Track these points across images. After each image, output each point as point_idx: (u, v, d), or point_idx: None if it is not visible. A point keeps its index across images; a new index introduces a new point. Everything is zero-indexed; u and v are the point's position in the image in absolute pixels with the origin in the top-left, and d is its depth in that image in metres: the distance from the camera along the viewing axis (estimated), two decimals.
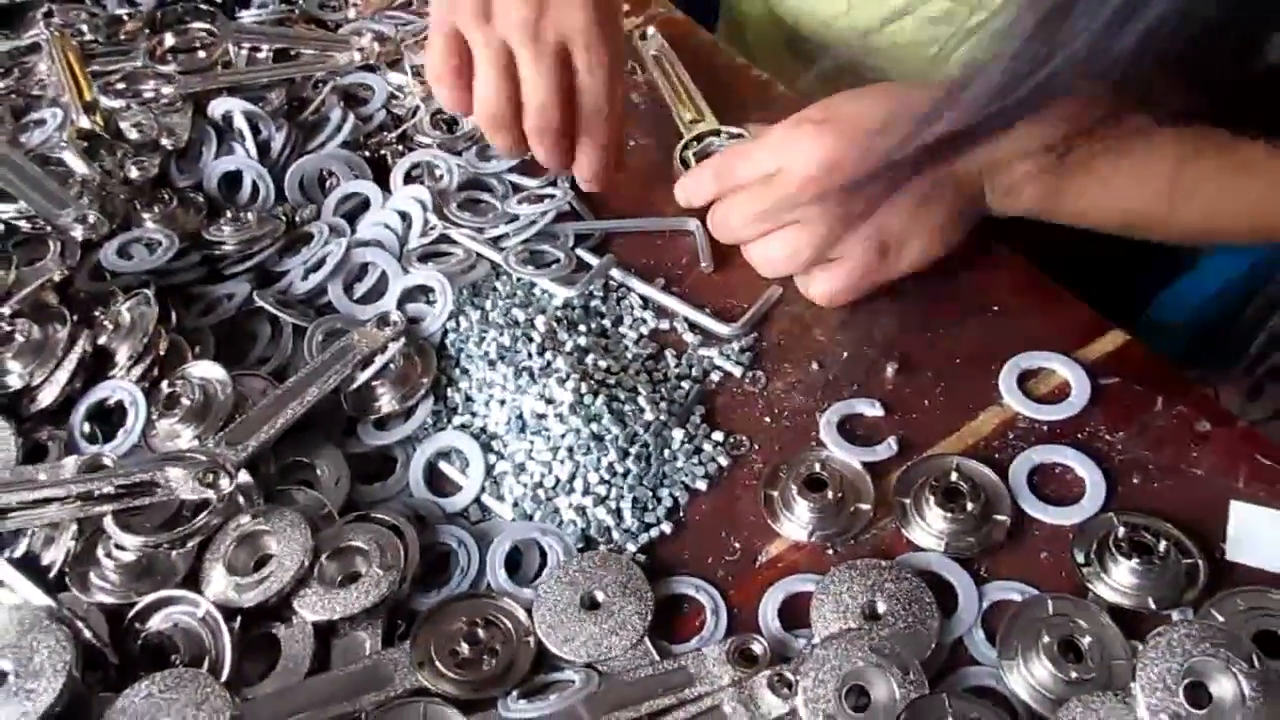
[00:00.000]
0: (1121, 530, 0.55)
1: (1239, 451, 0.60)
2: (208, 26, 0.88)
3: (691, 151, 0.78)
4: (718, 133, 0.78)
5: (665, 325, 0.71)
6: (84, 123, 0.78)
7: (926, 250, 0.68)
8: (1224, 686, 0.48)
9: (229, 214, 0.75)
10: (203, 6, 0.90)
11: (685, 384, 0.67)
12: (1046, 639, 0.52)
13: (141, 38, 0.88)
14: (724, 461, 0.63)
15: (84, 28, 0.88)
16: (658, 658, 0.55)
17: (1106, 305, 0.71)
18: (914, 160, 0.49)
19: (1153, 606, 0.54)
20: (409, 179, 0.79)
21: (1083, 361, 0.65)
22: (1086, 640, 0.52)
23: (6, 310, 0.65)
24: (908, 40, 0.73)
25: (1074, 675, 0.51)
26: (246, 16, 0.91)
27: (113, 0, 0.94)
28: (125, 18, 0.90)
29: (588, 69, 0.67)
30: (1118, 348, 0.66)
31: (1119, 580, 0.55)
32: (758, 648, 0.54)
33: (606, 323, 0.70)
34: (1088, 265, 0.75)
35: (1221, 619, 0.53)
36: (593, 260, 0.73)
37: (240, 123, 0.80)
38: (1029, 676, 0.52)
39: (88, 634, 0.53)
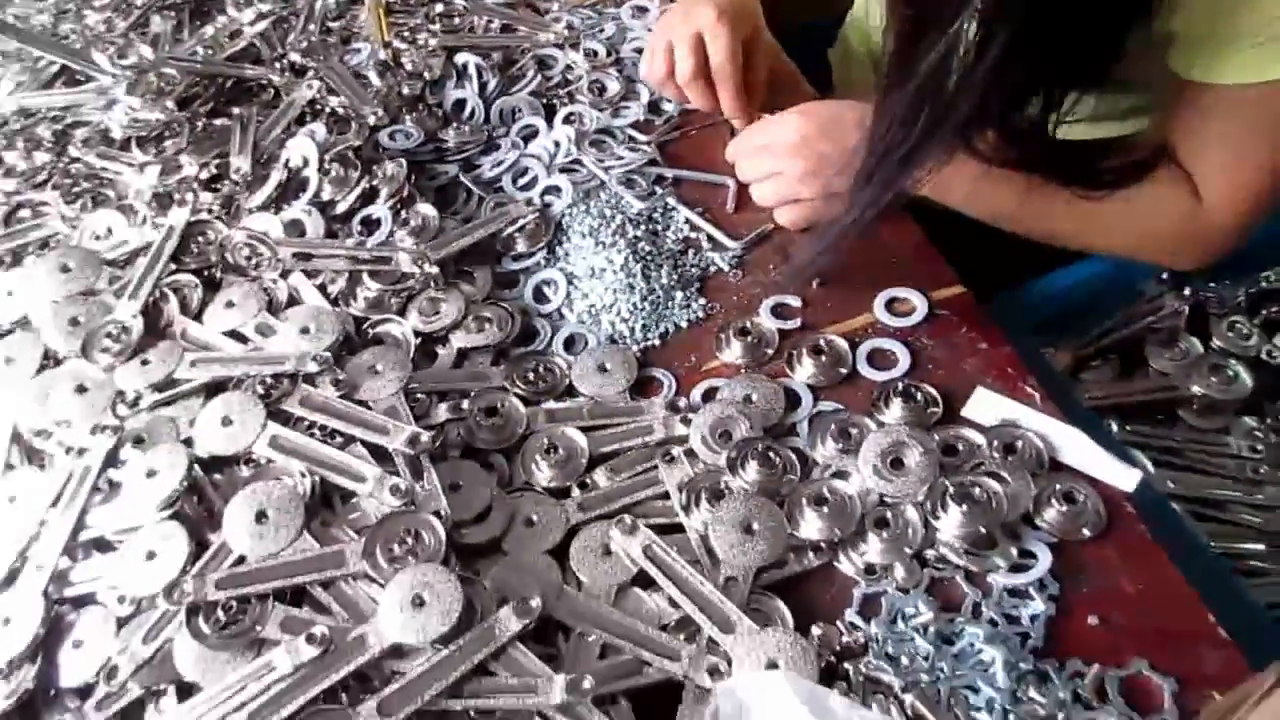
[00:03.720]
0: (900, 385, 0.97)
1: (995, 362, 1.00)
2: (464, 2, 1.37)
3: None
4: (758, 116, 1.20)
5: (694, 235, 1.15)
6: (381, 55, 1.28)
7: None
8: (910, 458, 0.90)
9: (455, 125, 1.24)
10: None
11: (694, 269, 1.12)
12: (843, 430, 0.95)
13: (420, 3, 1.38)
14: (701, 315, 1.08)
15: None
16: (630, 400, 1.00)
17: (998, 275, 1.10)
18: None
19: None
20: (566, 121, 1.26)
21: (930, 297, 1.05)
22: (855, 431, 0.95)
23: (327, 158, 1.16)
24: None
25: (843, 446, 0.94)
26: None
27: None
28: None
29: (711, 45, 1.15)
30: (954, 294, 1.06)
31: (893, 412, 0.96)
32: (682, 403, 0.99)
33: (658, 228, 1.15)
34: (992, 248, 1.14)
35: (936, 438, 0.93)
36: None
37: (471, 69, 1.29)
38: (824, 445, 0.95)
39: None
